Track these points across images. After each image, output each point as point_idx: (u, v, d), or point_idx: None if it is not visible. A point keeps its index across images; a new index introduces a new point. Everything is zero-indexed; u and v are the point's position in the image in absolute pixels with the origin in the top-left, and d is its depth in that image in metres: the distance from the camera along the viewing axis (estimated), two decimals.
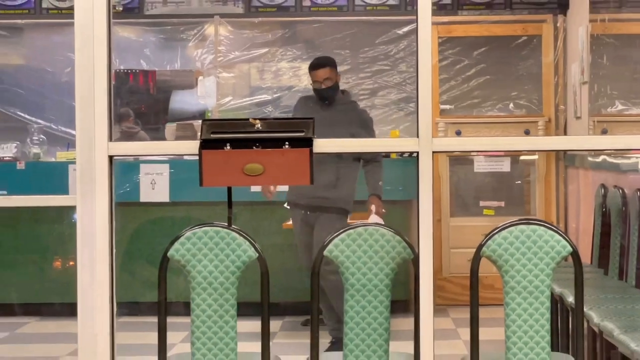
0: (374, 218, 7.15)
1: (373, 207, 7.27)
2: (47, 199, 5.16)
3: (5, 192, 6.67)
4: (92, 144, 4.17)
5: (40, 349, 7.44)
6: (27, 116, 9.71)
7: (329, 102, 7.30)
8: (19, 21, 9.75)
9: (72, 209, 4.23)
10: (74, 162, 4.33)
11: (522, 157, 9.38)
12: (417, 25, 4.15)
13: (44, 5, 9.72)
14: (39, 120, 9.66)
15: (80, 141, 4.17)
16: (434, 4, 4.21)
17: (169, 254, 4.26)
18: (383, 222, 6.37)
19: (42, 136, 9.46)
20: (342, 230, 4.31)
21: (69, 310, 4.39)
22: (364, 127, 7.36)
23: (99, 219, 4.15)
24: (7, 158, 9.17)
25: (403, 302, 7.62)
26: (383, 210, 7.32)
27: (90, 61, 4.16)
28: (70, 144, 8.84)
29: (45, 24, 9.71)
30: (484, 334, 4.27)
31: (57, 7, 9.60)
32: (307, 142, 4.10)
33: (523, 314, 4.18)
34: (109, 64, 4.18)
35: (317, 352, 4.30)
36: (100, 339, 4.17)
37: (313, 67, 7.35)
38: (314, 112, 7.00)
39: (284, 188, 7.59)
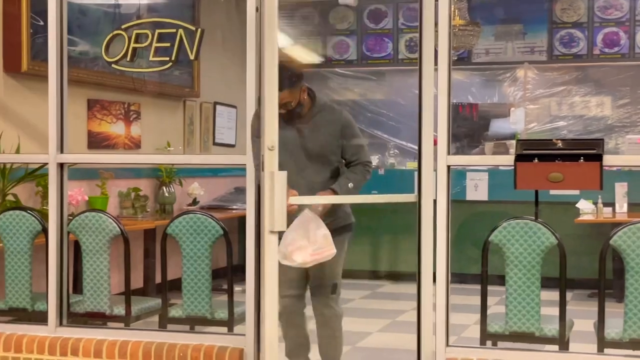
0: (304, 213, 4.23)
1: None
2: (397, 197, 5.15)
3: (376, 192, 6.84)
4: (433, 156, 4.18)
5: (391, 304, 7.58)
6: (385, 135, 9.92)
7: (296, 121, 4.51)
8: (382, 68, 10.02)
9: (415, 203, 4.24)
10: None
11: None
12: None
13: (400, 56, 9.93)
14: (394, 139, 9.85)
15: (424, 154, 4.20)
16: None
17: (489, 238, 4.23)
18: (317, 220, 4.20)
19: (396, 150, 9.65)
20: (625, 225, 4.12)
21: (411, 277, 4.44)
22: (344, 131, 4.59)
23: (440, 211, 4.15)
24: (372, 166, 9.43)
25: None
26: (320, 207, 4.36)
27: (431, 96, 4.17)
28: (415, 156, 8.97)
29: (400, 70, 9.91)
30: None
31: (409, 57, 9.77)
32: (598, 157, 3.95)
33: None
34: (448, 99, 4.18)
35: (603, 318, 4.14)
36: (438, 298, 4.17)
37: None
38: (283, 129, 4.01)
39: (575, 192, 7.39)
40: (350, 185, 4.52)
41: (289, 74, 4.34)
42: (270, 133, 2.96)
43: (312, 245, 4.20)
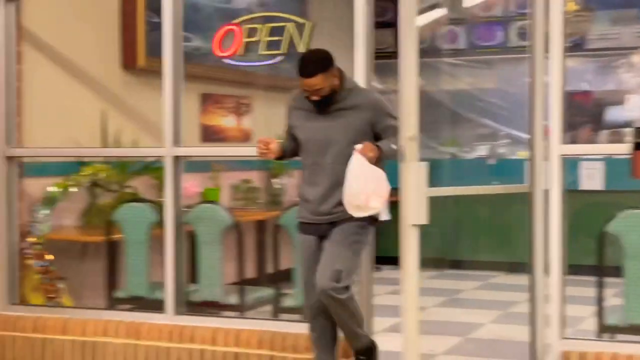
0: (355, 158, 3.88)
1: (359, 146, 3.91)
2: (509, 188, 5.07)
3: (498, 183, 6.76)
4: (544, 145, 4.11)
5: (504, 295, 7.48)
6: (495, 124, 9.79)
7: (328, 106, 4.10)
8: (492, 57, 9.88)
9: (526, 194, 4.18)
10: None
11: None
12: None
13: (511, 44, 9.77)
14: (504, 128, 9.71)
15: (536, 144, 4.14)
16: None
17: (607, 229, 4.14)
18: (368, 163, 3.84)
19: (506, 140, 9.52)
20: None
21: (521, 267, 4.39)
22: (376, 112, 4.07)
23: (553, 201, 4.09)
24: (481, 156, 9.33)
25: None
26: (371, 154, 3.88)
27: (542, 84, 4.10)
28: (525, 146, 8.82)
29: (511, 58, 9.74)
30: None
31: (521, 45, 9.59)
32: None
33: None
34: (561, 87, 4.09)
35: None
36: (552, 290, 4.11)
37: (300, 74, 4.03)
38: (314, 116, 4.15)
39: None
40: (393, 147, 3.94)
41: (321, 57, 4.03)
42: (410, 123, 2.96)
43: (379, 187, 3.90)
